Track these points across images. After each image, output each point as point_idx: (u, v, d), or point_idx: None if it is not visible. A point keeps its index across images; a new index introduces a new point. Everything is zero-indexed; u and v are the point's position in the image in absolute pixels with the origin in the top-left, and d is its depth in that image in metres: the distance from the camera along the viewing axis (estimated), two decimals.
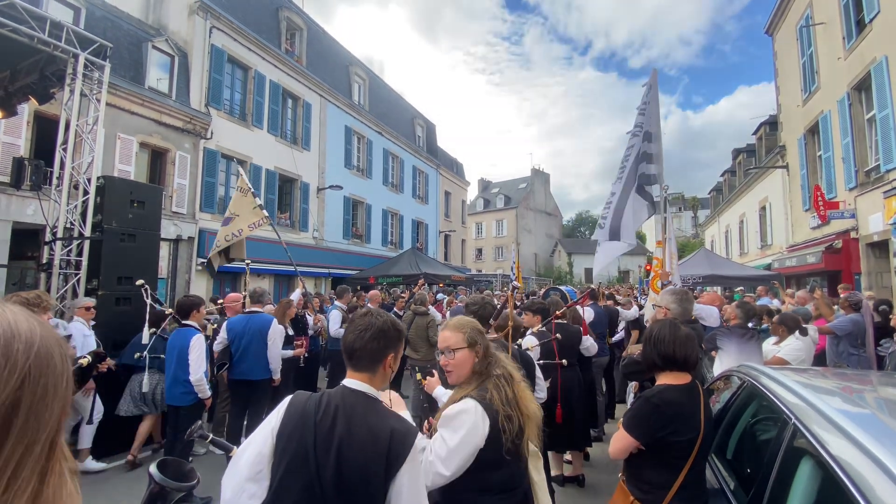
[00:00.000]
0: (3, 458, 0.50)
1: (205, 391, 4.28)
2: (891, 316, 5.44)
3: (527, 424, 1.83)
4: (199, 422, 2.07)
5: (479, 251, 48.37)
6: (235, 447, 1.64)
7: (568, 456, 4.68)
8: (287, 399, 1.54)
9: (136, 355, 5.19)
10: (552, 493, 4.02)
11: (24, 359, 0.53)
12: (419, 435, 1.83)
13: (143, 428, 5.00)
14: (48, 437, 0.54)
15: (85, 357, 3.40)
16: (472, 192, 46.83)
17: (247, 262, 6.37)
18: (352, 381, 1.56)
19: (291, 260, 6.99)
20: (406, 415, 1.72)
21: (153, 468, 1.24)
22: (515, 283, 15.46)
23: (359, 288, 14.12)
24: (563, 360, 3.90)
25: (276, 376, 5.06)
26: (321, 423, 1.43)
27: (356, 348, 1.55)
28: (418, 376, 2.30)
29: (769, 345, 4.40)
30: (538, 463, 2.04)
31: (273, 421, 1.47)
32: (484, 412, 1.74)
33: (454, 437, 1.72)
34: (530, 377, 2.76)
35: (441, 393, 2.36)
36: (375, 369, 1.58)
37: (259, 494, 1.40)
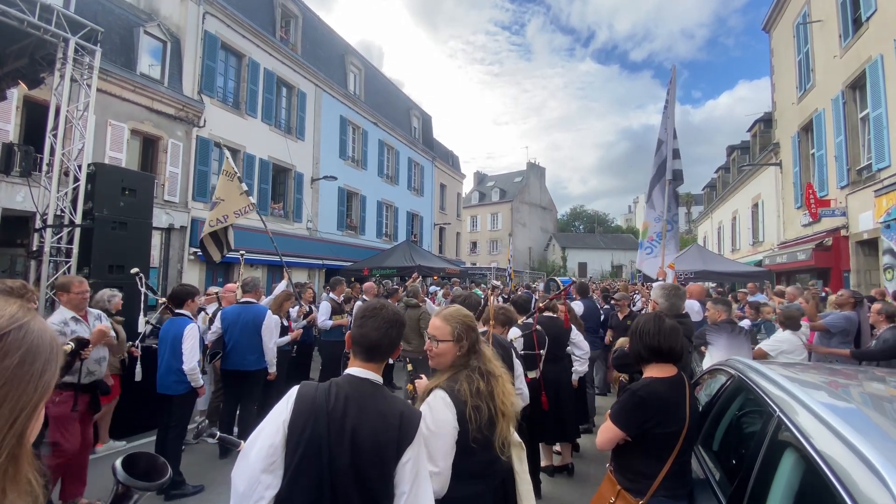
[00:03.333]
0: None
1: (198, 380, 4.27)
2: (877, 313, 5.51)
3: (499, 418, 1.87)
4: (206, 420, 2.08)
5: (474, 244, 48.37)
6: (243, 441, 1.65)
7: (557, 447, 4.74)
8: (294, 390, 1.56)
9: (129, 344, 5.17)
10: (539, 483, 4.10)
11: None
12: None
13: None
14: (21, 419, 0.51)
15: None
16: (468, 185, 46.76)
17: (241, 252, 6.32)
18: (359, 370, 1.60)
19: (277, 249, 6.93)
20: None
21: (118, 464, 1.10)
22: (495, 282, 16.03)
23: (353, 280, 14.13)
24: (541, 352, 3.95)
25: (272, 369, 5.07)
26: (333, 412, 1.48)
27: (382, 343, 1.61)
28: (409, 367, 2.34)
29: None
30: (521, 453, 2.09)
31: (283, 412, 1.50)
32: (450, 401, 1.79)
33: (428, 430, 1.75)
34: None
35: None
36: (387, 358, 1.67)
37: (275, 485, 1.43)
